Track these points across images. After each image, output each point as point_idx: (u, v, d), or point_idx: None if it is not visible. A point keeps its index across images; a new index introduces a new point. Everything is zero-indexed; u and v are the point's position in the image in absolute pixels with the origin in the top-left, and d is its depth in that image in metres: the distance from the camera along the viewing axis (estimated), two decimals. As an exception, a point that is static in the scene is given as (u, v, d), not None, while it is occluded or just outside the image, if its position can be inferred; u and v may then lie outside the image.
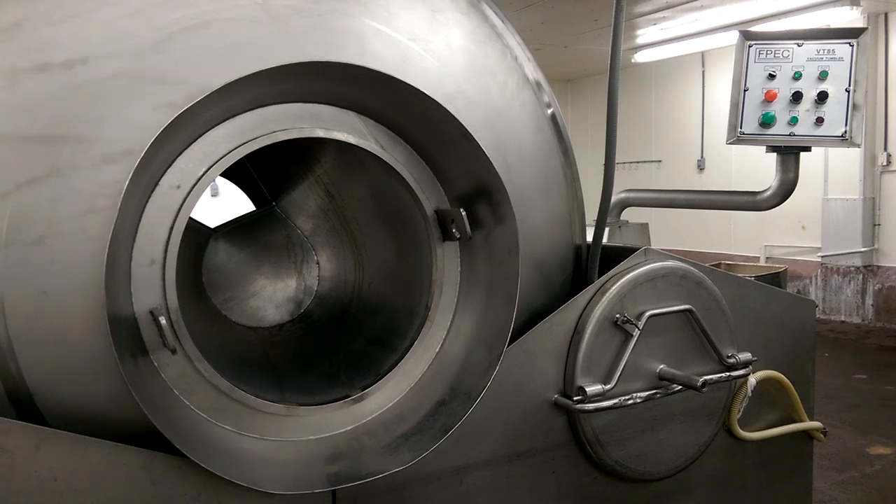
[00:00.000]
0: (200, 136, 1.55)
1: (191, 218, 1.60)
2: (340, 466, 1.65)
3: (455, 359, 1.82)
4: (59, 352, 1.39)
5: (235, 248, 2.53)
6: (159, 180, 1.51)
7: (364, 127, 1.74)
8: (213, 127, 1.56)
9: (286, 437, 1.66)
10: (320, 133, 1.66)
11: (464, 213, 1.74)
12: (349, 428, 1.73)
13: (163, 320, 1.45)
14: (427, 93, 1.61)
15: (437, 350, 1.83)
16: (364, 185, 2.12)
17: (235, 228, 2.61)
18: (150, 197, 1.50)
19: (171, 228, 1.51)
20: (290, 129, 1.63)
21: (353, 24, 1.67)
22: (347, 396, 1.75)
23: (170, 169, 1.52)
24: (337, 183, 2.25)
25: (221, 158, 1.56)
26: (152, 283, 1.50)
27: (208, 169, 1.55)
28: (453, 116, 1.62)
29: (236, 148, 1.57)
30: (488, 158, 1.66)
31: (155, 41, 1.44)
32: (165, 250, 1.51)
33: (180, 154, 1.53)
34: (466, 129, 1.63)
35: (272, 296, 2.50)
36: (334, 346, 2.29)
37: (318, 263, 2.56)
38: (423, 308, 1.86)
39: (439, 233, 1.81)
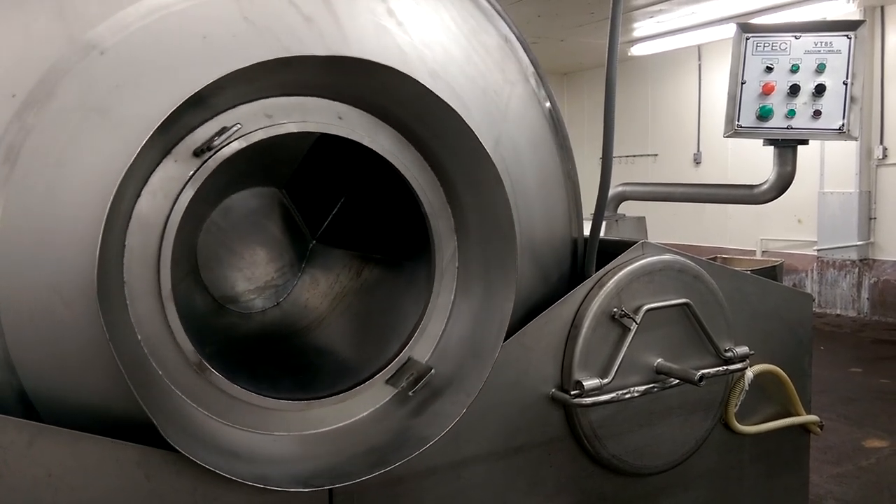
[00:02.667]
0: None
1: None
2: (337, 461, 1.64)
3: (452, 354, 1.81)
4: (53, 344, 1.38)
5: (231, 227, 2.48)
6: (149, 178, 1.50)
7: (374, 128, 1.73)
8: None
9: (282, 432, 1.65)
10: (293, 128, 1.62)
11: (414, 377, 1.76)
12: (346, 423, 1.72)
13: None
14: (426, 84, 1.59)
15: (434, 346, 1.81)
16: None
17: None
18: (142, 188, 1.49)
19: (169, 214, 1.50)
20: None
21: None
22: (343, 391, 1.74)
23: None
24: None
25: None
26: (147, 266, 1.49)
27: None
28: (453, 109, 1.61)
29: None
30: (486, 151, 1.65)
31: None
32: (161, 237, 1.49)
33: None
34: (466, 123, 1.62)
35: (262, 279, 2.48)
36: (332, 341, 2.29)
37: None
38: (420, 304, 1.85)
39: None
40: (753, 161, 8.30)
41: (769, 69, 2.56)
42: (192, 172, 1.51)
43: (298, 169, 2.35)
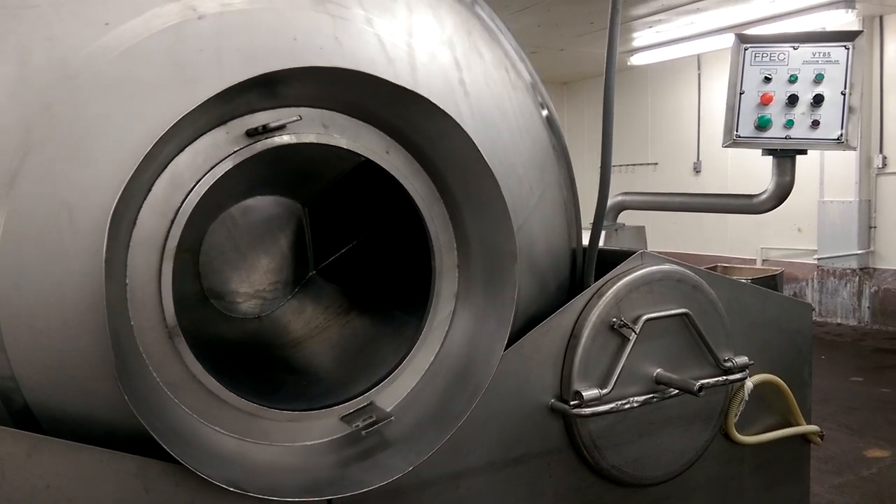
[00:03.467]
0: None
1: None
2: (336, 472, 1.64)
3: (452, 365, 1.81)
4: (54, 355, 1.38)
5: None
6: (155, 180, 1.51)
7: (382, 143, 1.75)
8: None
9: (282, 443, 1.65)
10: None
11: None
12: (345, 433, 1.72)
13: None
14: (423, 95, 1.60)
15: (434, 357, 1.82)
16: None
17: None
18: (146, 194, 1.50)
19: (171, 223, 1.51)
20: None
21: (345, 26, 1.66)
22: (344, 402, 1.74)
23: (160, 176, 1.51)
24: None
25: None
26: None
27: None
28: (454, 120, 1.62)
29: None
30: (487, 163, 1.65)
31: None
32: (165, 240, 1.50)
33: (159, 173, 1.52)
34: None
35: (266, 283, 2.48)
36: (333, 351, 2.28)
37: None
38: (421, 315, 1.85)
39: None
40: (754, 170, 8.32)
41: (767, 79, 2.57)
42: (238, 148, 1.56)
43: (327, 192, 2.36)
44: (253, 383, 1.91)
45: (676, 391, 2.04)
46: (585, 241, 2.12)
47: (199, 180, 1.53)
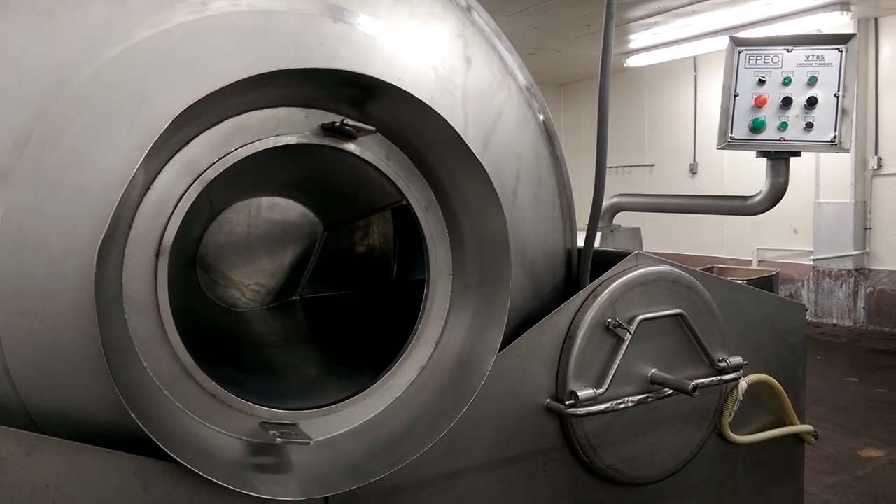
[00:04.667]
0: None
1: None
2: (332, 471, 1.65)
3: (447, 364, 1.82)
4: (51, 355, 1.39)
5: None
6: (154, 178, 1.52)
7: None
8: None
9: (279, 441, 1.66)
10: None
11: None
12: (342, 432, 1.73)
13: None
14: (416, 96, 1.62)
15: (429, 356, 1.83)
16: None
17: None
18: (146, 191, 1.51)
19: (171, 215, 1.52)
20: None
21: (341, 28, 1.67)
22: (339, 401, 1.75)
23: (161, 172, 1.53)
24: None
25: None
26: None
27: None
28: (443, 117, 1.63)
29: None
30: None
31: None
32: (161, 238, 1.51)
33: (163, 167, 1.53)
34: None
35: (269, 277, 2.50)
36: (327, 350, 2.29)
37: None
38: (414, 314, 1.86)
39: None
40: (750, 171, 8.33)
41: (762, 82, 2.59)
42: (312, 141, 1.64)
43: (350, 224, 2.38)
44: (245, 377, 1.93)
45: (671, 391, 2.06)
46: (581, 242, 2.13)
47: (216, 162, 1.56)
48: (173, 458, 1.38)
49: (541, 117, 2.06)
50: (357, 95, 1.62)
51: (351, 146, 1.70)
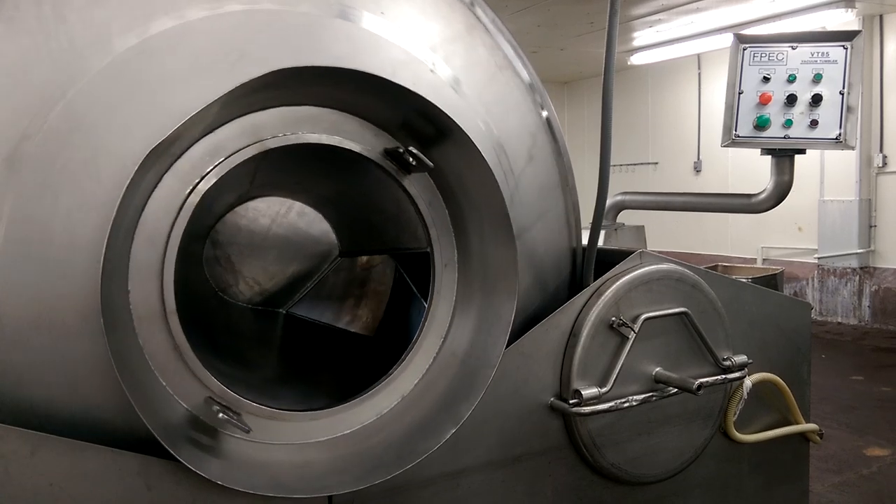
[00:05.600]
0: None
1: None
2: (336, 470, 1.64)
3: (452, 364, 1.81)
4: (56, 354, 1.39)
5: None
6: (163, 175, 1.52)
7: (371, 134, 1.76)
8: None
9: (282, 441, 1.66)
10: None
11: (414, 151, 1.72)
12: (346, 432, 1.73)
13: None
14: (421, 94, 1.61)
15: (434, 355, 1.82)
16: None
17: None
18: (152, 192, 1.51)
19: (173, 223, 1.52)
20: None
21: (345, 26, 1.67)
22: (344, 401, 1.74)
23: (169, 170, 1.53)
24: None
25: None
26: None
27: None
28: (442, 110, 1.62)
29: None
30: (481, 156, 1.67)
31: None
32: (166, 244, 1.51)
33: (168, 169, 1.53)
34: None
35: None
36: (332, 350, 2.29)
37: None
38: (420, 314, 1.86)
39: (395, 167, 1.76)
40: (754, 169, 8.34)
41: (766, 79, 2.58)
42: (374, 158, 1.69)
43: (364, 253, 2.38)
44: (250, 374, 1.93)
45: (675, 390, 2.05)
46: (585, 240, 2.13)
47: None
48: (177, 458, 1.38)
49: (545, 115, 2.05)
50: (430, 133, 1.65)
51: (406, 180, 1.73)
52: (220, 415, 1.50)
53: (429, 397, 1.79)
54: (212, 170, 1.53)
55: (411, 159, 1.64)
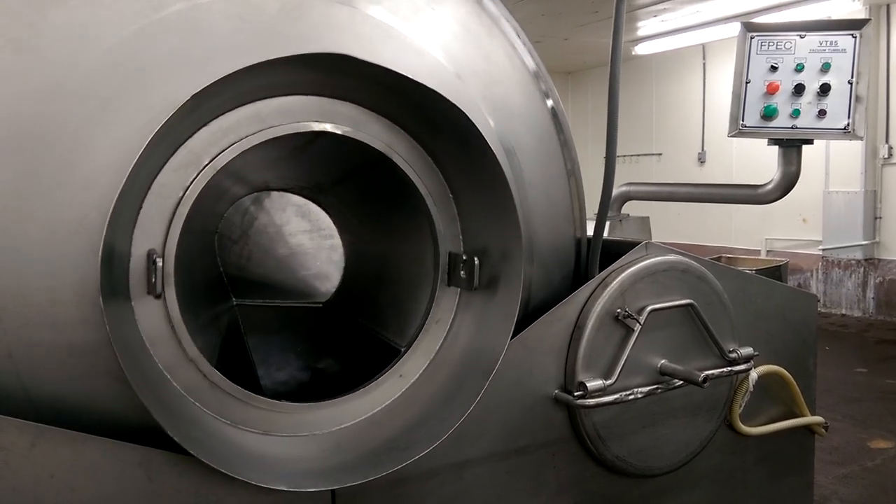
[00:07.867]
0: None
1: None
2: (339, 462, 1.64)
3: (456, 355, 1.80)
4: (56, 344, 1.38)
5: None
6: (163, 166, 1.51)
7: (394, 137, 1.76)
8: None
9: (285, 433, 1.65)
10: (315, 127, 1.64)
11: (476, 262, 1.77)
12: (349, 424, 1.72)
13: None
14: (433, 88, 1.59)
15: (438, 347, 1.81)
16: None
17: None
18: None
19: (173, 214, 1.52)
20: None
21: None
22: (348, 392, 1.73)
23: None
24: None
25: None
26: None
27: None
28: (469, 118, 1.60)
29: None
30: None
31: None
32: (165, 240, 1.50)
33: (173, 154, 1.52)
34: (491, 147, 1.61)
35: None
36: (338, 342, 2.28)
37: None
38: (424, 306, 1.84)
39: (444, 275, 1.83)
40: (758, 160, 8.28)
41: (774, 68, 2.54)
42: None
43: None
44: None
45: (681, 382, 2.03)
46: (590, 231, 2.11)
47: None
48: (179, 449, 1.37)
49: (550, 103, 2.03)
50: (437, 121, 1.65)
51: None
52: None
53: (432, 389, 1.77)
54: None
55: (463, 272, 1.73)
